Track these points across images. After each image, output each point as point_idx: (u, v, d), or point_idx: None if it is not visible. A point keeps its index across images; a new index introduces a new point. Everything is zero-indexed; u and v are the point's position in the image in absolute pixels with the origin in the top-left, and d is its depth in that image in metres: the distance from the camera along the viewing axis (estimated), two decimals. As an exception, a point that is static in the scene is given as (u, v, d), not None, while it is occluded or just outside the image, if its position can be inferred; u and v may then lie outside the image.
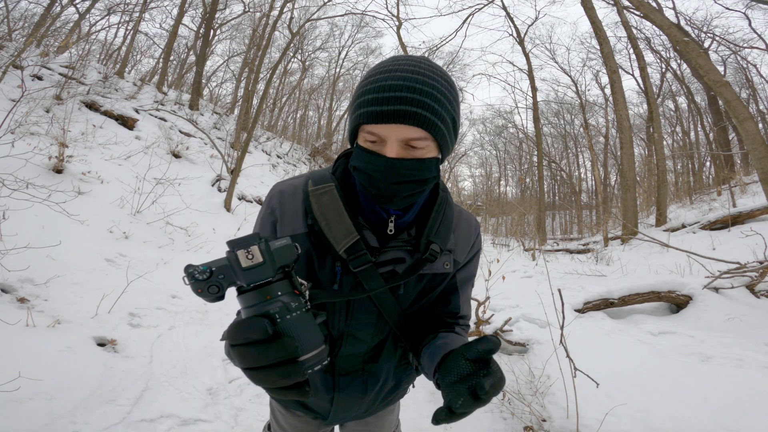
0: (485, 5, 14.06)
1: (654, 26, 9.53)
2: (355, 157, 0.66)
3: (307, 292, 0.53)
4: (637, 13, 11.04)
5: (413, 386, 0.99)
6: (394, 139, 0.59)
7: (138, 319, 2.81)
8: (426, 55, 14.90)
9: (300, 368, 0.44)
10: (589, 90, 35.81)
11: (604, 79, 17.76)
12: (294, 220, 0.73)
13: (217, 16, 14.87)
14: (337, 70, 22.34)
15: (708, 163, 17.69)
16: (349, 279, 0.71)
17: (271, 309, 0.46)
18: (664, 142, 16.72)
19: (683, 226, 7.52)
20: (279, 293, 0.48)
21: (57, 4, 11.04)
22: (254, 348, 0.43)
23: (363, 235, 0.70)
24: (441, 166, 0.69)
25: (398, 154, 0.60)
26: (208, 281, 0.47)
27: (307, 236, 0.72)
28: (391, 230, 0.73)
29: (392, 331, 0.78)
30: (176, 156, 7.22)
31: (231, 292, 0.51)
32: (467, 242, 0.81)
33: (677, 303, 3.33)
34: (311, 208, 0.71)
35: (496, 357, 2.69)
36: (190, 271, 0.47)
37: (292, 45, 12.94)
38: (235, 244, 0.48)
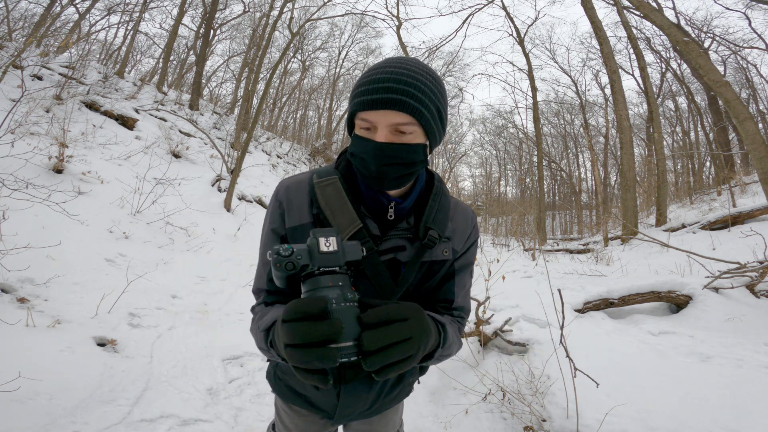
0: (485, 5, 14.05)
1: (654, 26, 9.52)
2: (351, 145, 0.73)
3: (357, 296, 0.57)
4: (637, 13, 11.04)
5: (418, 382, 0.99)
6: (383, 125, 0.66)
7: (138, 319, 2.81)
8: (426, 55, 14.96)
9: (336, 353, 0.47)
10: (589, 90, 35.80)
11: (604, 79, 17.79)
12: (300, 211, 0.78)
13: (217, 16, 14.88)
14: (337, 70, 22.36)
15: (708, 163, 17.68)
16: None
17: (331, 294, 0.51)
18: (664, 142, 16.68)
19: (683, 226, 7.51)
20: (340, 283, 0.53)
21: (57, 4, 11.05)
22: (306, 323, 0.47)
23: (365, 224, 0.74)
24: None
25: (387, 138, 0.66)
26: (288, 258, 0.53)
27: (312, 226, 0.76)
28: (391, 216, 0.78)
29: None
30: (176, 156, 7.22)
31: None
32: (464, 232, 0.84)
33: (677, 303, 3.32)
34: (316, 198, 0.76)
35: (496, 357, 2.70)
36: (276, 248, 0.54)
37: (292, 45, 12.94)
38: (318, 233, 0.56)
